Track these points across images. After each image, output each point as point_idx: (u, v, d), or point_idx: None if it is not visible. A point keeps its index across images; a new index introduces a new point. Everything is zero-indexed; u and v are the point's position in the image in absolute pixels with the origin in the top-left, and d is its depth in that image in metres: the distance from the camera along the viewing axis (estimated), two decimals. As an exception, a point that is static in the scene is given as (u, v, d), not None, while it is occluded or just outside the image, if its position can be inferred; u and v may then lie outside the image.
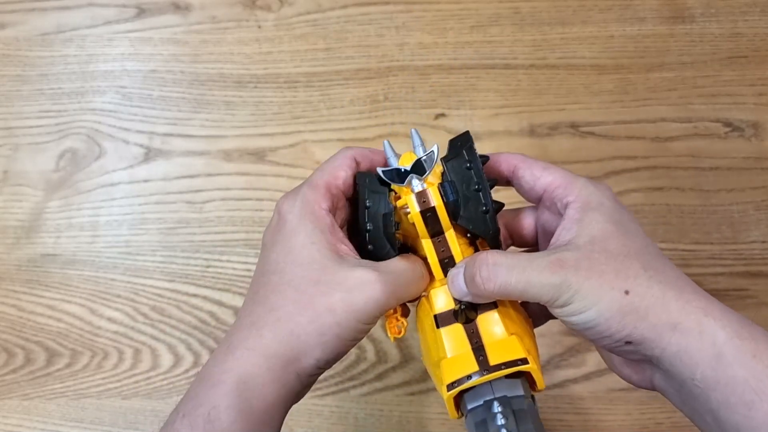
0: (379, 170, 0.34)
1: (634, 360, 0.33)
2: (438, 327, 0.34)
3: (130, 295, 0.59)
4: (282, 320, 0.32)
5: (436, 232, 0.34)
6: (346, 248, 0.34)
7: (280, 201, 0.35)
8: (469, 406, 0.33)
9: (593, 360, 0.56)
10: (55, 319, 0.59)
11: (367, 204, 0.35)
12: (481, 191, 0.34)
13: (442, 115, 0.63)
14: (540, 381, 0.33)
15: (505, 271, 0.32)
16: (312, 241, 0.33)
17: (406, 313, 0.37)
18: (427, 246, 0.34)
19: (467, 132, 0.36)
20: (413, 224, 0.34)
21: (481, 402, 0.32)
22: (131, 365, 0.57)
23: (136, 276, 0.60)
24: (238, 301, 0.59)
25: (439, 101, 0.64)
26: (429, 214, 0.34)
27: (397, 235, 0.35)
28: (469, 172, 0.34)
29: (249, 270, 0.60)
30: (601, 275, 0.31)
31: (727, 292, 0.58)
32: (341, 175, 0.35)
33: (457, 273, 0.34)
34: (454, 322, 0.34)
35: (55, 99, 0.64)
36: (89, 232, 0.61)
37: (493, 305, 0.34)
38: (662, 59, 0.65)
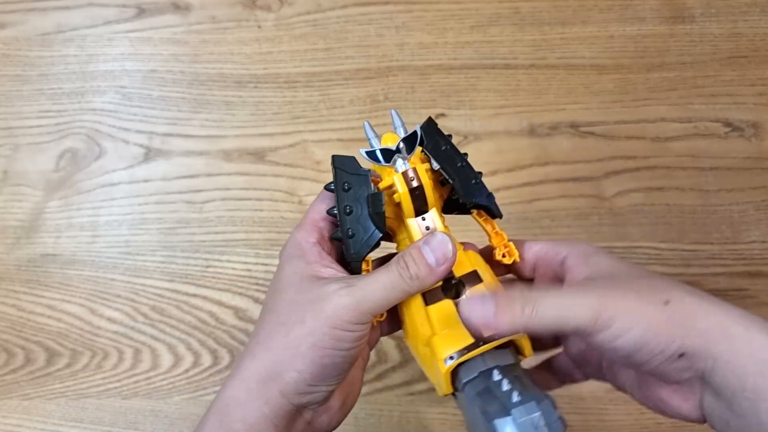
0: (362, 151, 0.34)
1: (684, 381, 0.32)
2: (427, 304, 0.34)
3: (130, 295, 0.59)
4: (261, 344, 0.33)
5: (420, 211, 0.34)
6: (331, 270, 0.35)
7: (281, 251, 0.37)
8: (465, 379, 0.33)
9: (593, 360, 0.56)
10: (55, 319, 0.59)
11: (345, 187, 0.35)
12: (464, 166, 0.35)
13: (442, 115, 0.63)
14: (528, 348, 0.34)
15: (541, 298, 0.31)
16: (294, 271, 0.34)
17: None
18: (412, 226, 0.35)
19: (429, 118, 0.37)
20: (397, 205, 0.34)
21: (477, 374, 0.32)
22: (131, 365, 0.57)
23: (136, 276, 0.60)
24: (237, 301, 0.59)
25: (439, 101, 0.64)
26: (416, 192, 0.34)
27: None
28: (449, 152, 0.35)
29: (249, 270, 0.60)
30: (636, 293, 0.31)
31: (727, 292, 0.58)
32: (323, 207, 0.36)
33: (479, 297, 0.33)
34: (443, 299, 0.34)
35: (55, 99, 0.64)
36: (89, 232, 0.61)
37: (478, 279, 0.34)
38: (662, 59, 0.65)
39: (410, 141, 0.34)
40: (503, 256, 0.36)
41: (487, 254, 0.37)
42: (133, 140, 0.63)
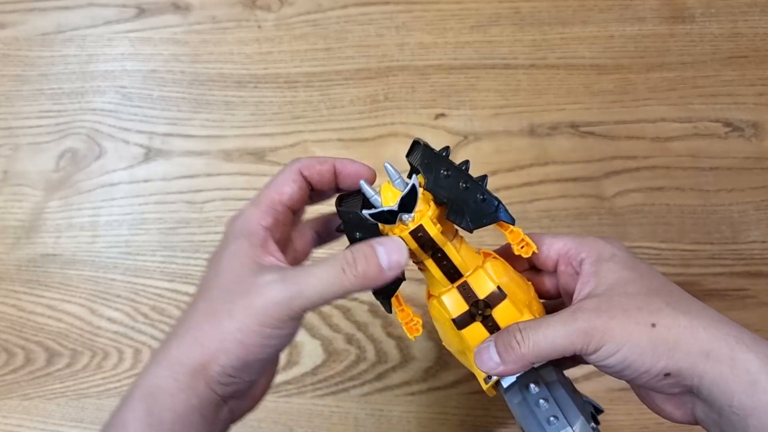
0: (366, 213, 0.34)
1: (675, 394, 0.33)
2: (459, 329, 0.36)
3: (130, 295, 0.59)
4: (190, 330, 0.32)
5: (434, 251, 0.35)
6: (273, 259, 0.34)
7: (227, 221, 0.36)
8: (505, 385, 0.36)
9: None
10: (55, 319, 0.59)
11: (357, 236, 0.36)
12: (469, 187, 0.35)
13: (442, 115, 0.63)
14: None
15: (532, 331, 0.33)
16: (236, 255, 0.33)
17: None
18: (430, 265, 0.36)
19: (417, 143, 0.37)
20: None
21: (515, 381, 0.36)
22: (131, 365, 0.57)
23: (136, 276, 0.60)
24: (238, 301, 0.59)
25: (439, 101, 0.64)
26: (428, 244, 0.35)
27: None
28: (450, 179, 0.35)
29: (249, 270, 0.60)
30: (624, 313, 0.32)
31: (727, 292, 0.58)
32: (286, 190, 0.36)
33: (484, 348, 0.35)
34: (472, 323, 0.36)
35: (55, 99, 0.64)
36: (89, 232, 0.61)
37: (502, 295, 0.36)
38: (662, 59, 0.65)
39: (410, 199, 0.34)
40: (521, 248, 0.36)
41: (507, 252, 0.38)
42: (133, 140, 0.63)
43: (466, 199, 0.35)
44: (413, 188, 0.34)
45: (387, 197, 0.35)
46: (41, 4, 0.67)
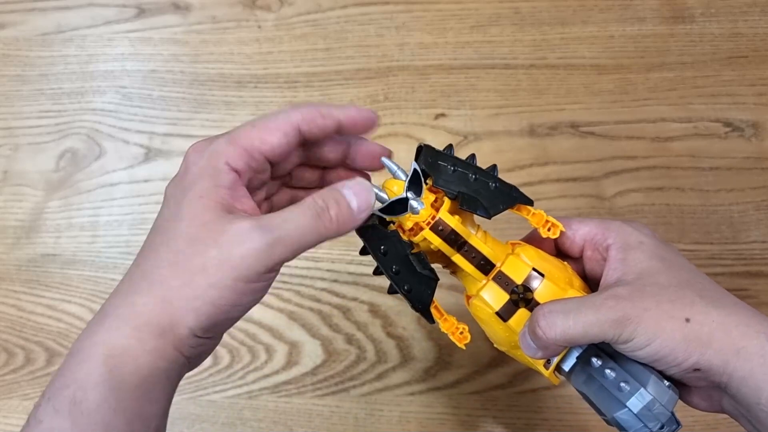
0: (377, 212, 0.34)
1: (703, 387, 0.33)
2: (505, 321, 0.35)
3: (130, 295, 0.59)
4: (155, 285, 0.29)
5: (460, 245, 0.35)
6: (242, 207, 0.30)
7: (189, 149, 0.32)
8: (567, 368, 0.35)
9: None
10: (55, 319, 0.59)
11: (382, 251, 0.35)
12: (478, 178, 0.35)
13: (442, 115, 0.63)
14: None
15: (561, 317, 0.32)
16: (201, 196, 0.30)
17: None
18: (459, 260, 0.35)
19: (420, 146, 0.36)
20: (437, 249, 0.35)
21: (575, 362, 0.35)
22: (131, 365, 0.57)
23: (136, 276, 0.60)
24: (238, 301, 0.59)
25: (439, 101, 0.64)
26: (451, 237, 0.34)
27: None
28: (458, 172, 0.35)
29: (249, 270, 0.60)
30: (658, 305, 0.31)
31: (727, 292, 0.58)
32: (272, 141, 0.32)
33: (523, 334, 0.34)
34: (517, 310, 0.35)
35: (55, 99, 0.64)
36: (89, 232, 0.61)
37: (540, 275, 0.35)
38: (662, 59, 0.65)
39: (416, 181, 0.34)
40: (548, 230, 0.36)
41: (534, 237, 0.37)
42: (133, 140, 0.63)
43: (478, 189, 0.35)
44: (416, 172, 0.34)
45: (393, 191, 0.35)
46: (41, 4, 0.67)
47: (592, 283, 0.38)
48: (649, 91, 0.64)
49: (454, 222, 0.34)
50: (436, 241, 0.34)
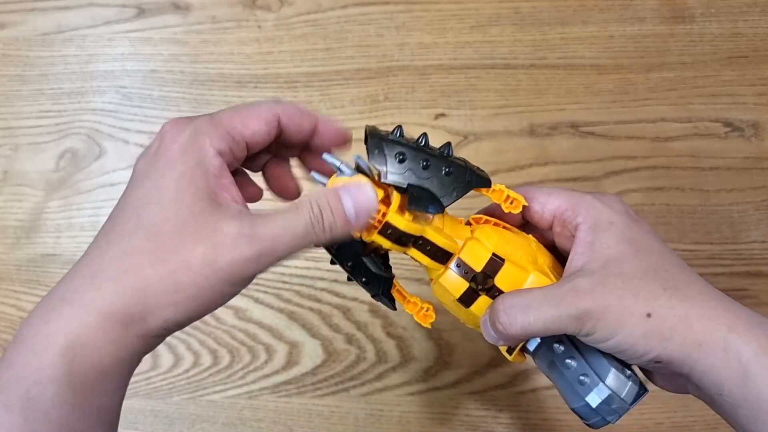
0: (358, 159, 0.33)
1: (667, 373, 0.34)
2: (467, 307, 0.35)
3: (130, 295, 0.59)
4: (129, 272, 0.27)
5: (415, 239, 0.34)
6: (229, 196, 0.29)
7: (166, 125, 0.30)
8: (531, 349, 0.35)
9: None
10: (55, 319, 0.59)
11: (335, 247, 0.35)
12: (429, 164, 0.33)
13: (442, 115, 0.63)
14: None
15: (522, 313, 0.32)
16: (188, 180, 0.28)
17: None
18: (415, 254, 0.34)
19: (365, 131, 0.35)
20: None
21: (538, 344, 0.35)
22: (131, 365, 0.57)
23: (136, 276, 0.60)
24: (237, 301, 0.59)
25: (439, 101, 0.64)
26: (401, 238, 0.33)
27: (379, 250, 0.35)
28: (406, 162, 0.33)
29: (249, 270, 0.60)
30: (620, 300, 0.31)
31: (727, 292, 0.57)
32: (254, 127, 0.31)
33: (484, 322, 0.34)
34: (477, 297, 0.34)
35: (55, 99, 0.64)
36: (89, 232, 0.61)
37: (500, 261, 0.34)
38: (662, 59, 0.65)
39: (363, 173, 0.33)
40: (510, 203, 0.35)
41: (497, 211, 0.36)
42: (133, 140, 0.63)
43: (430, 177, 0.33)
44: (358, 159, 0.33)
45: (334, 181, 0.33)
46: (41, 4, 0.67)
47: (560, 256, 0.37)
48: (649, 91, 0.64)
49: (403, 224, 0.32)
50: (387, 244, 0.33)
